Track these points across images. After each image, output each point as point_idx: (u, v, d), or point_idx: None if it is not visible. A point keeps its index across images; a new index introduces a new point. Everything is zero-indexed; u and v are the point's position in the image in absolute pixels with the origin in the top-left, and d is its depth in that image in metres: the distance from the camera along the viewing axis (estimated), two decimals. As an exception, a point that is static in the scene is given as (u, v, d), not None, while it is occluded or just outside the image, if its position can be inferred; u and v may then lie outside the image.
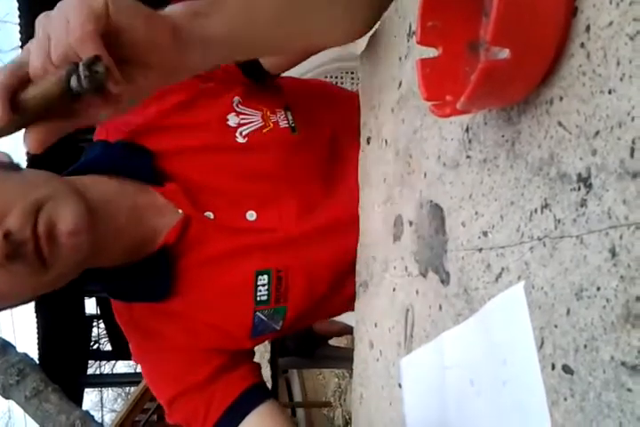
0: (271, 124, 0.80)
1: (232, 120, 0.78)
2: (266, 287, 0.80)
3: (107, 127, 0.80)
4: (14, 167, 0.69)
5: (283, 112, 0.82)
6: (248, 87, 0.79)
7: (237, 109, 0.79)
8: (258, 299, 0.80)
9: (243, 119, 0.79)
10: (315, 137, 0.83)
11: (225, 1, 0.56)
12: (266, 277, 0.80)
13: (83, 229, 0.66)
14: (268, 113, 0.81)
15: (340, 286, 0.82)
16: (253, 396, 0.84)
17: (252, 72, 0.77)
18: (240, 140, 0.78)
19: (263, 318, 0.82)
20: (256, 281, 0.79)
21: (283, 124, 0.81)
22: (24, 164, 0.74)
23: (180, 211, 0.77)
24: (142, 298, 0.81)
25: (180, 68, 0.53)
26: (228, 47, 0.57)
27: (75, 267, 0.69)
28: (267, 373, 1.65)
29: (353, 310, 0.80)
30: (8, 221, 0.62)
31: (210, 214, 0.78)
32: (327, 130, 0.85)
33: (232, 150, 0.78)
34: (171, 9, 0.53)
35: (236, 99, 0.79)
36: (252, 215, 0.79)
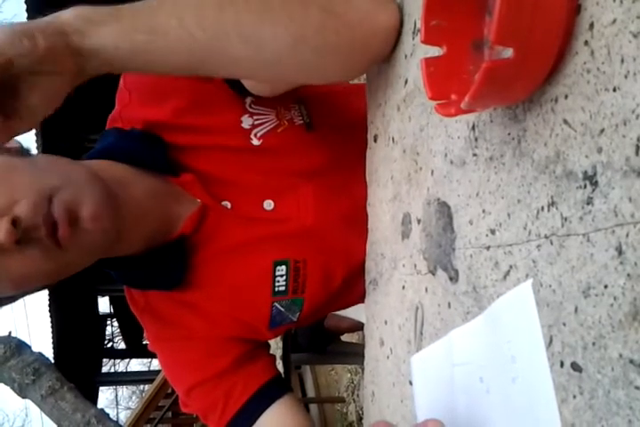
0: (286, 123, 0.79)
1: (246, 122, 0.78)
2: (284, 278, 0.80)
3: (121, 116, 0.79)
4: (25, 153, 0.68)
5: (296, 106, 0.81)
6: None
7: (250, 110, 0.78)
8: (276, 289, 0.80)
9: (257, 120, 0.78)
10: (331, 130, 0.82)
11: (127, 12, 0.54)
12: (284, 267, 0.79)
13: (105, 213, 0.65)
14: (282, 110, 0.80)
15: (356, 279, 0.82)
16: (274, 389, 0.84)
17: (243, 92, 0.76)
18: (255, 142, 0.78)
19: (281, 308, 0.81)
20: (274, 271, 0.79)
21: (297, 120, 0.80)
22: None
23: (198, 200, 0.76)
24: (155, 286, 0.81)
25: (80, 74, 0.54)
26: (124, 60, 0.55)
27: (96, 252, 0.69)
28: (279, 369, 1.66)
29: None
30: (18, 207, 0.61)
31: (227, 204, 0.78)
32: (344, 120, 0.85)
33: (247, 152, 0.78)
34: (66, 13, 0.53)
35: (249, 99, 0.78)
36: (269, 205, 0.79)
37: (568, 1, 0.34)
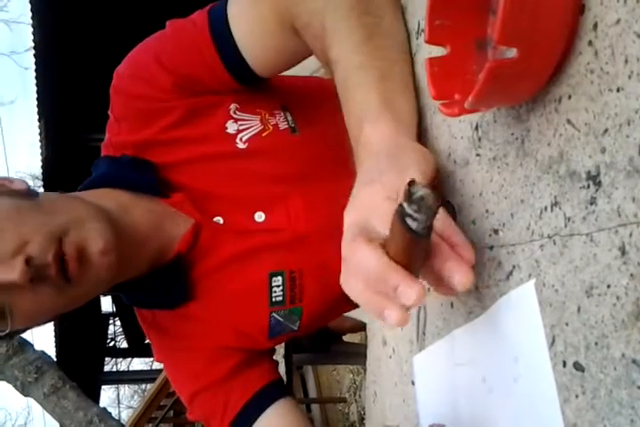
0: (270, 127, 0.80)
1: (231, 127, 0.78)
2: (280, 288, 0.80)
3: (111, 143, 0.81)
4: (32, 194, 0.71)
5: (281, 113, 0.82)
6: (243, 92, 0.78)
7: (235, 116, 0.79)
8: (273, 300, 0.81)
9: (241, 125, 0.79)
10: (317, 135, 0.82)
11: (391, 97, 0.56)
12: (280, 278, 0.80)
13: (113, 246, 0.68)
14: (267, 116, 0.80)
15: None
16: (270, 393, 0.85)
17: (244, 77, 0.76)
18: (240, 145, 0.78)
19: (279, 318, 0.82)
20: (270, 282, 0.80)
21: (282, 125, 0.81)
22: (39, 170, 0.76)
23: (192, 219, 0.78)
24: (160, 306, 0.83)
25: None
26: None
27: (103, 284, 0.72)
28: (281, 369, 1.66)
29: None
30: (30, 247, 0.64)
31: (219, 219, 0.79)
32: (330, 126, 0.85)
33: (233, 156, 0.78)
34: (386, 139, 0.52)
35: (233, 106, 0.79)
36: (260, 216, 0.80)
37: (572, 1, 0.34)
